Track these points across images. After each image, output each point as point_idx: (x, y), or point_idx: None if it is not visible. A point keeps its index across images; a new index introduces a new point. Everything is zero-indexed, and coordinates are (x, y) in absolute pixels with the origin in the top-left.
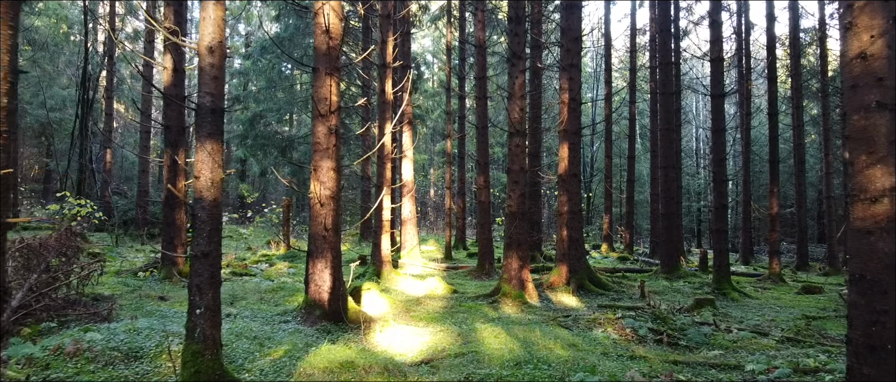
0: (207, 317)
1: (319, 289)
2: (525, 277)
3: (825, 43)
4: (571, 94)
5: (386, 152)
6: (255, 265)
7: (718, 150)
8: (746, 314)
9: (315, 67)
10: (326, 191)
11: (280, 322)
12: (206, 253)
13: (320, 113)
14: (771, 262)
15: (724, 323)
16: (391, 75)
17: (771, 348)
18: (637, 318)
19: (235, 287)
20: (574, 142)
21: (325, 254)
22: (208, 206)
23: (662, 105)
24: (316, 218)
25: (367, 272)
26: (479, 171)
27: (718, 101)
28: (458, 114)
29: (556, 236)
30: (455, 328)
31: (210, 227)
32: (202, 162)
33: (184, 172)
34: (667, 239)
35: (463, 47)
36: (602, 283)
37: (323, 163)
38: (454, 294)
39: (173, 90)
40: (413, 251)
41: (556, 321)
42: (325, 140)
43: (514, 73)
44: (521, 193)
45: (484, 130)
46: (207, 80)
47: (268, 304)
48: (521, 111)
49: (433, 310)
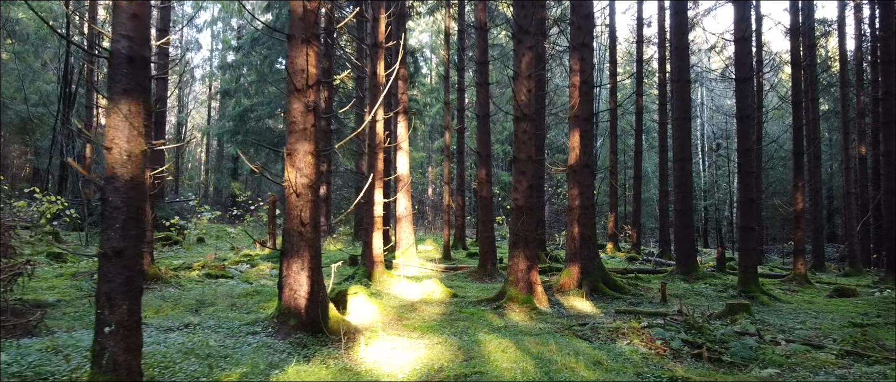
0: (120, 338)
1: (295, 294)
2: (534, 279)
3: (844, 31)
4: (583, 76)
5: (377, 141)
6: (235, 266)
7: (745, 138)
8: (785, 322)
9: (290, 35)
10: (303, 179)
11: (247, 334)
12: (120, 251)
13: (296, 88)
14: (795, 262)
15: (768, 334)
16: (384, 56)
17: (832, 364)
18: (667, 327)
19: (206, 291)
20: (586, 129)
21: (301, 253)
22: (123, 187)
23: (677, 93)
24: (291, 211)
25: (357, 273)
26: (480, 164)
27: (744, 85)
28: (458, 107)
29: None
30: (455, 339)
31: (126, 215)
32: (115, 129)
33: (149, 161)
34: (682, 237)
35: (462, 37)
36: (617, 285)
37: (299, 146)
38: (453, 299)
39: None
40: (409, 250)
41: (572, 331)
42: (302, 119)
43: (521, 50)
44: (529, 184)
45: (485, 119)
46: (124, 18)
47: (239, 311)
48: (528, 93)
49: (430, 317)
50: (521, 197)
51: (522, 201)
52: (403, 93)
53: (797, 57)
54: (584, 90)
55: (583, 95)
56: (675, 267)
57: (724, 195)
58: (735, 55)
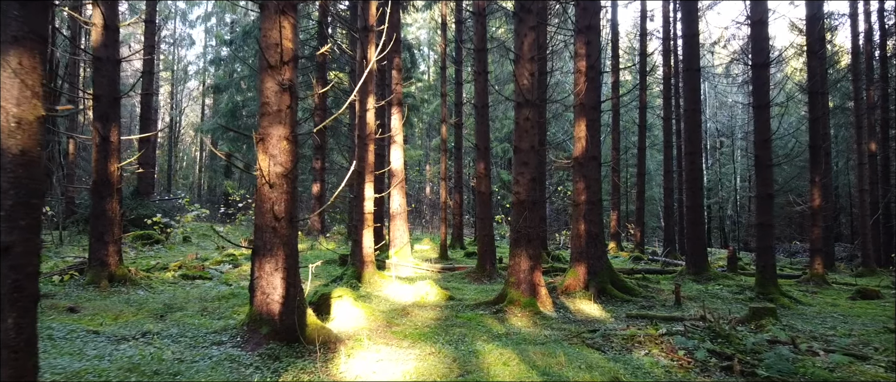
0: (10, 363)
1: (267, 299)
2: (537, 280)
3: (856, 23)
4: (589, 60)
5: (368, 132)
6: (216, 267)
7: (762, 129)
8: (815, 327)
9: (262, 3)
10: (278, 168)
11: (211, 345)
12: (6, 247)
13: (269, 64)
14: (812, 262)
15: (802, 342)
16: (375, 41)
17: (883, 379)
18: (689, 335)
19: (178, 294)
20: (593, 118)
21: (275, 252)
22: (11, 163)
23: (687, 82)
24: (263, 204)
25: (346, 274)
26: (478, 158)
27: (761, 71)
28: (455, 101)
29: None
30: (450, 349)
31: (14, 201)
32: (3, 89)
33: (116, 152)
34: (693, 236)
35: (459, 28)
36: (626, 287)
37: (273, 130)
38: (450, 302)
39: (104, 51)
40: (403, 249)
41: (582, 339)
42: (277, 100)
43: (522, 30)
44: (532, 177)
45: (484, 110)
46: None
47: (209, 316)
48: (530, 77)
49: (423, 323)
50: (524, 191)
51: (525, 195)
52: (397, 83)
53: (814, 45)
54: (591, 76)
55: (589, 81)
56: (684, 267)
57: (727, 194)
58: (752, 39)
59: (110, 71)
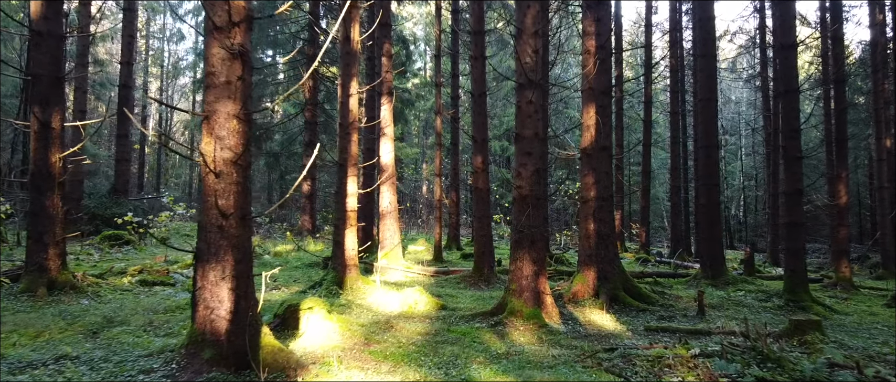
0: None
1: (212, 314)
2: (542, 288)
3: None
4: (599, 40)
5: (351, 119)
6: (184, 271)
7: (791, 117)
8: (865, 342)
9: None
10: (226, 153)
11: (139, 373)
12: None
13: (215, 25)
14: (839, 264)
15: (868, 368)
16: (358, 17)
17: None
18: (729, 357)
19: (126, 304)
20: (603, 104)
21: (222, 256)
22: None
23: (702, 70)
24: (207, 197)
25: (325, 280)
26: (475, 151)
27: (789, 52)
28: (452, 94)
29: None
30: (439, 375)
31: None
32: None
33: (58, 140)
34: (709, 236)
35: (456, 18)
36: (641, 294)
37: (220, 106)
38: (441, 312)
39: (44, 24)
40: (394, 251)
41: (598, 361)
42: (224, 69)
43: (525, 2)
44: (535, 168)
45: (481, 98)
46: None
47: (153, 333)
48: (534, 54)
49: (408, 340)
50: (527, 185)
51: (528, 189)
52: (387, 71)
53: (838, 30)
54: (601, 57)
55: (600, 63)
56: (699, 271)
57: (733, 193)
58: (779, 18)
59: (52, 47)
